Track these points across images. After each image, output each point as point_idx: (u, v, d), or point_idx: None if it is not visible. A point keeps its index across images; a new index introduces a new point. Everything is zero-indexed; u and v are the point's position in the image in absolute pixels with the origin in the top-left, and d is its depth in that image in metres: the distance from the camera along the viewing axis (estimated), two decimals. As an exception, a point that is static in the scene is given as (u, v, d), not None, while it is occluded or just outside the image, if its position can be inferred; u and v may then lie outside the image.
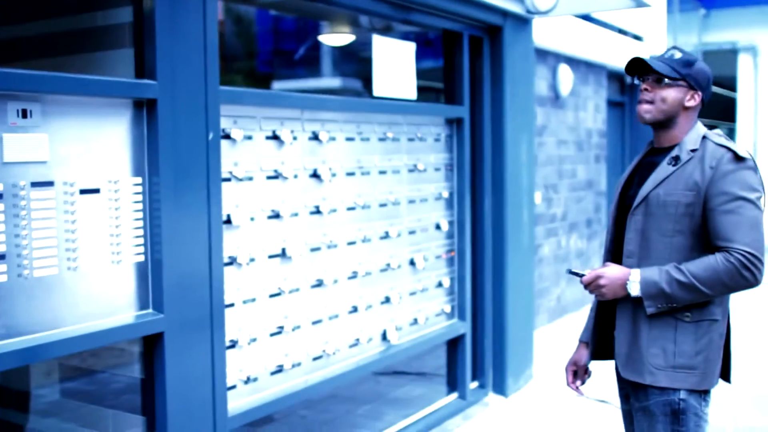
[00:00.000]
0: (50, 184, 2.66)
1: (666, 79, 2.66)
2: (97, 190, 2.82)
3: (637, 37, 9.41)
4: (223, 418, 3.28)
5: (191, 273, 3.11)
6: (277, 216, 3.64)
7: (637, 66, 2.73)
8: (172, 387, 3.04)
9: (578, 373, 2.97)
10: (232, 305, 3.42)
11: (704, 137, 2.66)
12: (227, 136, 3.35)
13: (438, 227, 4.85)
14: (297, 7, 4.89)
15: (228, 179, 3.36)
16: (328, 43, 5.80)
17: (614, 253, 2.80)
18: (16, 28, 3.54)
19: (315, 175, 3.85)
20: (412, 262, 4.61)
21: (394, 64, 4.47)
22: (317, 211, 3.88)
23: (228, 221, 3.36)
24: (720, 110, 16.40)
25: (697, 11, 14.23)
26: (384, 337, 4.40)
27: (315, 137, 3.85)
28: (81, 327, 2.79)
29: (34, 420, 3.67)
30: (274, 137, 3.61)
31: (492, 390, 5.44)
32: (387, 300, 4.42)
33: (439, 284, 4.89)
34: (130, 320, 2.94)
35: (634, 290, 2.60)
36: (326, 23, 5.53)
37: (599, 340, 2.89)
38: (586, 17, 7.92)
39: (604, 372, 3.20)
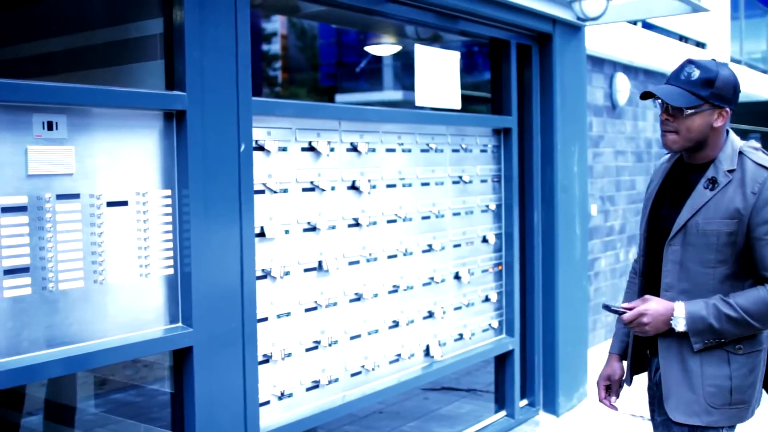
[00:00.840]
0: (76, 196, 2.64)
1: (689, 111, 2.44)
2: (124, 203, 2.79)
3: (700, 44, 9.14)
4: (255, 434, 3.22)
5: (222, 286, 3.07)
6: (313, 229, 3.58)
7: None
8: (201, 402, 2.99)
9: (612, 387, 2.82)
10: (265, 319, 3.37)
11: (740, 153, 2.48)
12: (261, 148, 3.31)
13: (485, 240, 4.74)
14: (342, 17, 4.85)
15: (261, 191, 3.32)
16: (376, 53, 5.74)
17: (648, 281, 2.63)
18: (51, 43, 3.56)
19: (353, 187, 3.78)
20: (457, 276, 4.50)
21: (438, 73, 4.38)
22: (356, 224, 3.82)
23: (261, 234, 3.32)
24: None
25: (765, 17, 13.80)
26: (427, 352, 4.30)
27: (353, 148, 3.79)
28: (108, 340, 2.77)
29: (64, 430, 3.68)
30: (311, 149, 3.55)
31: (542, 409, 5.28)
32: (430, 315, 4.32)
33: (486, 299, 4.77)
34: (158, 334, 2.91)
35: (680, 326, 2.45)
36: (375, 34, 5.49)
37: (635, 355, 2.74)
38: (646, 24, 7.72)
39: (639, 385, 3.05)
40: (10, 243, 2.47)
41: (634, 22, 7.46)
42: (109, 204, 2.75)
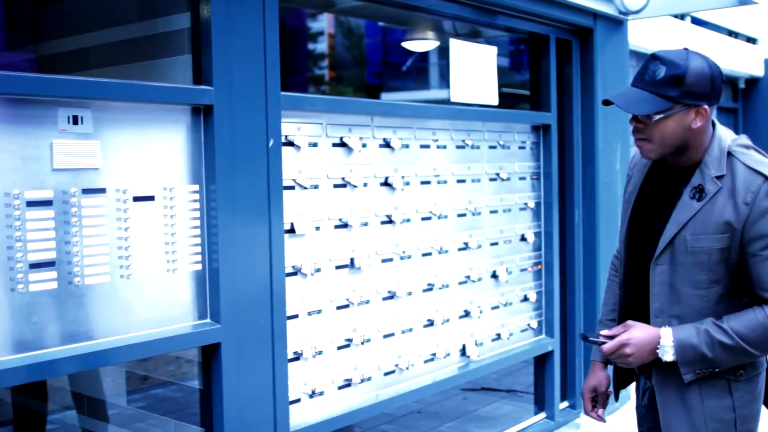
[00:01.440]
0: (102, 191, 2.64)
1: (657, 116, 2.18)
2: (151, 198, 2.79)
3: (750, 40, 8.91)
4: (285, 431, 3.19)
5: (251, 282, 3.05)
6: (345, 225, 3.55)
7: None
8: (230, 398, 2.97)
9: (599, 399, 2.57)
10: (296, 316, 3.34)
11: (729, 154, 2.21)
12: (290, 143, 3.28)
13: (523, 239, 4.65)
14: (378, 13, 4.82)
15: (291, 187, 3.29)
16: (414, 49, 5.69)
17: (630, 296, 2.38)
18: (81, 39, 3.59)
19: (386, 183, 3.74)
20: (494, 275, 4.43)
21: (474, 68, 4.32)
22: (389, 221, 3.77)
23: (291, 230, 3.29)
24: None
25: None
26: (463, 352, 4.23)
27: (386, 144, 3.74)
28: (135, 335, 2.76)
29: (100, 427, 3.70)
30: (342, 144, 3.52)
31: (584, 411, 5.17)
32: (466, 314, 4.26)
33: (525, 298, 4.68)
34: (186, 330, 2.90)
35: (668, 356, 2.19)
36: (414, 30, 5.45)
37: (619, 369, 2.49)
38: (696, 20, 7.54)
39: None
40: (36, 237, 2.48)
41: (680, 17, 7.30)
42: (136, 199, 2.74)
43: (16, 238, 2.43)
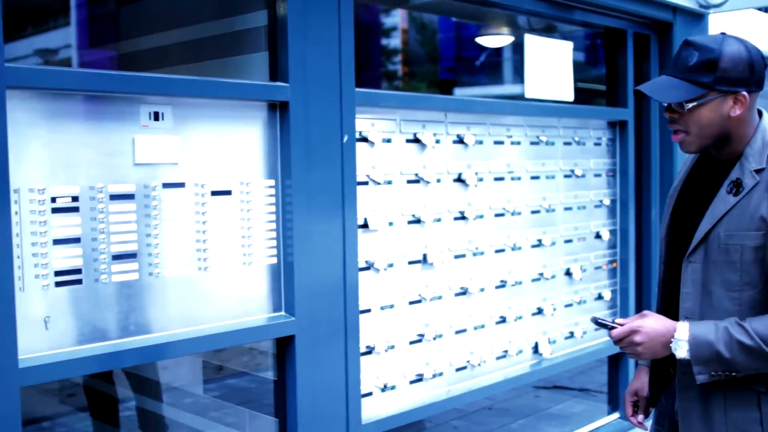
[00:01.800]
0: (181, 185, 2.71)
1: (690, 104, 2.06)
2: (228, 192, 2.85)
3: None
4: (357, 424, 3.23)
5: (324, 276, 3.09)
6: (418, 221, 3.56)
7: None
8: (303, 390, 3.02)
9: (640, 404, 2.46)
10: (368, 311, 3.37)
11: None
12: (365, 139, 3.31)
13: (598, 236, 4.59)
14: (451, 9, 4.81)
15: (365, 183, 3.32)
16: (488, 45, 5.66)
17: (670, 296, 2.24)
18: (162, 36, 3.68)
19: (459, 179, 3.74)
20: (568, 273, 4.39)
21: (549, 64, 4.28)
22: (462, 217, 3.77)
23: (365, 225, 3.32)
24: None
25: None
26: (535, 350, 4.21)
27: (460, 140, 3.74)
28: (212, 326, 2.83)
29: (178, 414, 3.80)
30: (415, 140, 3.53)
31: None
32: (539, 311, 4.23)
33: (599, 296, 4.63)
34: (261, 322, 2.95)
35: (681, 351, 2.04)
36: (488, 25, 5.42)
37: (657, 370, 2.36)
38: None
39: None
40: (119, 229, 2.56)
41: (765, 9, 7.08)
42: (214, 193, 2.81)
43: (100, 230, 2.51)
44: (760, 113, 2.17)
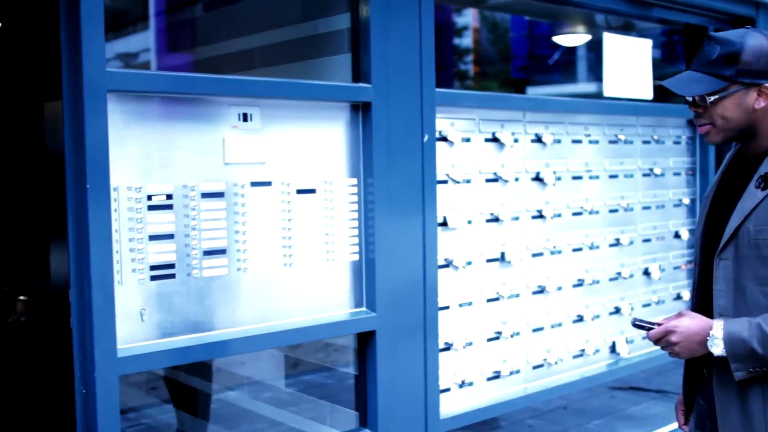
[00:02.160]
0: (268, 183, 2.80)
1: (712, 97, 2.07)
2: (313, 191, 2.93)
3: None
4: (435, 419, 3.28)
5: (405, 273, 3.14)
6: (496, 219, 3.59)
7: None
8: (383, 384, 3.09)
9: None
10: (447, 308, 3.41)
11: None
12: (444, 139, 3.36)
13: (677, 236, 4.55)
14: (529, 8, 4.82)
15: (444, 181, 3.37)
16: (565, 44, 5.64)
17: (705, 297, 2.23)
18: (248, 40, 3.79)
19: (537, 178, 3.75)
20: (646, 272, 4.36)
21: (628, 62, 4.26)
22: (539, 216, 3.78)
23: (444, 223, 3.37)
24: None
25: None
26: (613, 349, 4.19)
27: (538, 139, 3.76)
28: (296, 321, 2.91)
29: (260, 407, 3.90)
30: (494, 140, 3.56)
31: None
32: (617, 311, 4.21)
33: (678, 297, 4.58)
34: (344, 317, 3.03)
35: (717, 349, 2.04)
36: (564, 24, 5.40)
37: (691, 371, 2.38)
38: None
39: None
40: (209, 226, 2.66)
41: None
42: (299, 191, 2.89)
43: (192, 227, 2.62)
44: None
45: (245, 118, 2.72)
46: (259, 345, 2.85)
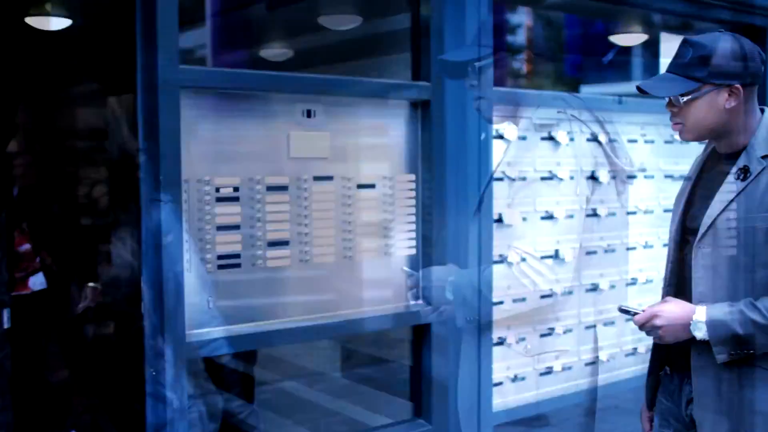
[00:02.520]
0: (330, 178, 2.90)
1: (685, 98, 2.16)
2: (372, 186, 3.01)
3: None
4: (488, 412, 3.34)
5: (460, 268, 3.21)
6: (550, 217, 3.63)
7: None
8: (437, 376, 3.15)
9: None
10: (501, 303, 3.47)
11: None
12: (500, 137, 3.41)
13: (732, 236, 4.53)
14: (586, 7, 4.83)
15: (500, 179, 3.42)
16: (621, 43, 5.63)
17: (679, 292, 2.32)
18: (313, 38, 3.89)
19: (592, 177, 3.78)
20: (700, 272, 4.35)
21: (685, 63, 4.25)
22: (594, 214, 3.81)
23: (499, 220, 3.42)
24: None
25: None
26: (665, 348, 4.19)
27: (594, 139, 3.79)
28: (356, 312, 3.00)
29: (319, 396, 4.00)
30: (550, 138, 3.61)
31: None
32: (670, 310, 4.21)
33: (732, 297, 4.56)
34: (400, 309, 3.11)
35: (700, 333, 2.11)
36: (620, 23, 5.39)
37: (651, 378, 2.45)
38: None
39: None
40: (274, 218, 2.76)
41: None
42: (359, 186, 2.98)
43: (257, 218, 2.72)
44: (762, 110, 2.24)
45: (309, 114, 2.82)
46: (318, 335, 2.95)
